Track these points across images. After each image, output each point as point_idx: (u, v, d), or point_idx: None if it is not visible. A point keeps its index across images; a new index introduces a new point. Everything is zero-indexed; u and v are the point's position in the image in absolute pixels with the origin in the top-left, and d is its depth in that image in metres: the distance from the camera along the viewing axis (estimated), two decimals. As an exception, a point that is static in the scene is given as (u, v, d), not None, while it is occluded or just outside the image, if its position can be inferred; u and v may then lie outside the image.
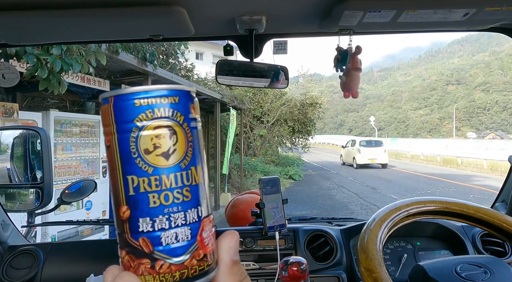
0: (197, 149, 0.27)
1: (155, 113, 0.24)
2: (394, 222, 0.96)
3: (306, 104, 17.02)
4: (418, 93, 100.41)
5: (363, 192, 10.15)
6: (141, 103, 0.24)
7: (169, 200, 0.25)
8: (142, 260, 0.25)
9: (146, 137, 0.24)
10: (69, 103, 6.08)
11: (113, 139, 0.25)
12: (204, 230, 0.26)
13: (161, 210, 0.25)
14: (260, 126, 15.42)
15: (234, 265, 0.28)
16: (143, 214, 0.25)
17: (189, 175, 0.26)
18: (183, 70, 9.22)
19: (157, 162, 0.24)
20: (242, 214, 1.36)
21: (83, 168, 4.75)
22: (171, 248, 0.25)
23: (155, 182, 0.24)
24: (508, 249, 1.19)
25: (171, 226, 0.25)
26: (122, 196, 0.25)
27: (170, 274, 0.25)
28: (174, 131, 0.25)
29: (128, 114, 0.24)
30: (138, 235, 0.25)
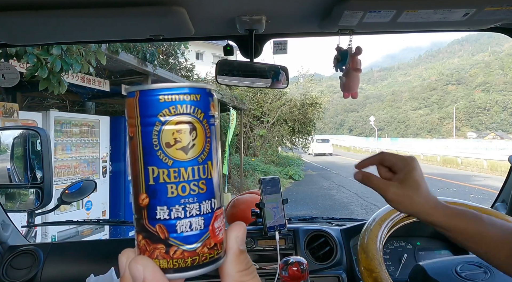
0: (214, 145, 0.28)
1: (178, 109, 0.26)
2: (394, 222, 0.96)
3: (306, 104, 17.02)
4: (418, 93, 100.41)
5: (363, 192, 10.15)
6: (165, 99, 0.26)
7: (186, 191, 0.26)
8: (157, 245, 0.27)
9: (168, 132, 0.26)
10: (69, 103, 6.08)
11: (136, 131, 0.27)
12: (216, 221, 0.28)
13: (178, 200, 0.26)
14: (260, 126, 15.42)
15: (241, 254, 0.29)
16: (161, 203, 0.26)
17: (206, 169, 0.27)
18: (183, 70, 9.23)
19: (177, 155, 0.26)
20: (242, 214, 1.36)
21: (83, 168, 4.75)
22: (185, 236, 0.27)
23: (174, 174, 0.26)
24: (508, 249, 1.19)
25: (186, 216, 0.27)
26: (142, 184, 0.27)
27: (182, 260, 0.26)
28: (194, 127, 0.26)
29: (153, 108, 0.26)
30: (155, 222, 0.27)
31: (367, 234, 0.93)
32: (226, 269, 0.29)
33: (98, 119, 5.04)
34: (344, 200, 9.20)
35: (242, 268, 0.29)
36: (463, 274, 0.87)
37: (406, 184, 0.64)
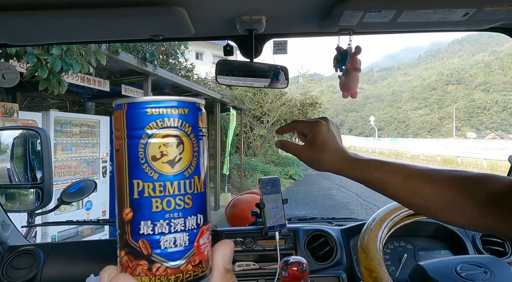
0: (202, 159, 0.28)
1: (165, 122, 0.26)
2: (394, 222, 0.96)
3: (306, 104, 17.03)
4: (418, 93, 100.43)
5: (363, 192, 10.15)
6: (152, 112, 0.26)
7: (171, 206, 0.26)
8: (140, 262, 0.26)
9: (155, 145, 0.26)
10: (69, 103, 6.09)
11: (123, 143, 0.26)
12: (201, 237, 0.28)
13: (163, 215, 0.26)
14: (260, 126, 15.42)
15: (227, 273, 0.28)
16: (145, 217, 0.26)
17: (192, 183, 0.27)
18: (183, 70, 9.22)
19: (163, 169, 0.26)
20: (242, 214, 1.36)
21: (83, 168, 4.75)
22: (169, 252, 0.26)
23: (159, 188, 0.26)
24: (508, 249, 1.19)
25: (171, 231, 0.26)
26: (126, 198, 0.26)
27: (165, 277, 0.26)
28: (181, 140, 0.26)
29: (140, 121, 0.26)
30: (138, 237, 0.26)
31: (367, 234, 0.93)
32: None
33: (98, 119, 5.04)
34: (344, 200, 9.20)
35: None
36: (463, 274, 0.87)
37: (313, 146, 0.71)
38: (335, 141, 0.71)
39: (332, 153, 0.69)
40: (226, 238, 1.16)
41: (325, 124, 0.72)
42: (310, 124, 0.73)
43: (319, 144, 0.70)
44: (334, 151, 0.69)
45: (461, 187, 0.57)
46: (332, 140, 0.70)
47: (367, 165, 0.66)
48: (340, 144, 0.71)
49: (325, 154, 0.69)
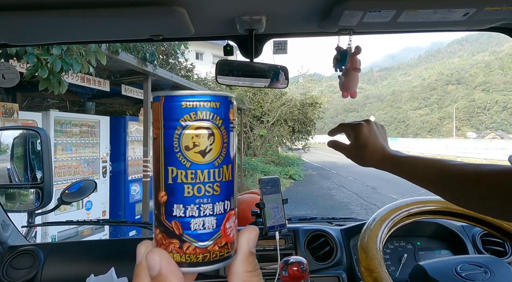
0: (230, 149, 0.30)
1: (198, 115, 0.28)
2: (394, 222, 0.96)
3: (306, 104, 17.02)
4: (418, 93, 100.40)
5: (363, 192, 10.15)
6: (187, 105, 0.28)
7: (201, 192, 0.28)
8: (172, 240, 0.28)
9: (188, 136, 0.28)
10: (69, 103, 6.09)
11: (160, 133, 0.28)
12: (227, 221, 0.30)
13: (193, 200, 0.28)
14: (260, 126, 15.42)
15: (250, 256, 0.31)
16: (177, 201, 0.28)
17: (221, 172, 0.29)
18: (183, 70, 9.22)
19: (195, 158, 0.28)
20: (242, 214, 1.36)
21: (83, 168, 4.75)
22: (198, 234, 0.28)
23: (191, 175, 0.28)
24: (508, 249, 1.19)
25: (200, 215, 0.28)
26: (162, 183, 0.28)
27: (194, 256, 0.28)
28: (212, 132, 0.28)
29: (175, 113, 0.28)
30: (171, 218, 0.28)
31: (367, 234, 0.93)
32: (235, 268, 0.30)
33: (98, 119, 5.04)
34: (344, 200, 9.20)
35: (250, 269, 0.30)
36: (463, 274, 0.87)
37: (355, 145, 0.82)
38: (376, 140, 0.80)
39: (372, 151, 0.78)
40: (226, 238, 1.16)
41: (366, 125, 0.81)
42: (352, 126, 0.83)
43: (360, 143, 0.80)
44: (374, 149, 0.78)
45: (489, 182, 0.60)
46: (372, 139, 0.80)
47: (403, 162, 0.73)
48: (381, 143, 0.79)
49: (365, 152, 0.79)
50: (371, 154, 0.78)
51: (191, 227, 0.28)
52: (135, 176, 5.69)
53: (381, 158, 0.77)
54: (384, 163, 0.76)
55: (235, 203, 0.31)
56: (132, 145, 5.73)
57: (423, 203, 0.98)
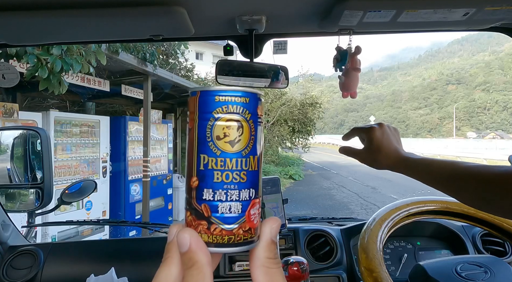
0: (257, 142, 0.32)
1: (229, 108, 0.30)
2: (395, 221, 0.96)
3: (306, 104, 17.01)
4: (418, 93, 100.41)
5: (363, 192, 10.15)
6: (220, 99, 0.31)
7: (229, 178, 0.31)
8: (201, 222, 0.31)
9: (219, 127, 0.30)
10: (69, 103, 6.09)
11: (195, 124, 0.31)
12: (252, 208, 0.32)
13: (222, 186, 0.31)
14: (260, 126, 15.39)
15: (272, 243, 0.33)
16: (207, 186, 0.31)
17: (248, 162, 0.31)
18: (183, 70, 9.22)
19: (225, 147, 0.30)
20: (242, 214, 1.36)
21: (83, 168, 4.75)
22: (225, 217, 0.31)
23: (221, 162, 0.30)
24: (508, 249, 1.19)
25: (227, 200, 0.31)
26: (194, 169, 0.31)
27: (220, 237, 0.31)
28: (241, 125, 0.31)
29: (209, 106, 0.31)
30: (201, 202, 0.31)
31: (367, 234, 0.93)
32: (257, 253, 0.32)
33: (98, 119, 5.04)
34: (344, 200, 9.20)
35: (271, 256, 0.32)
36: (463, 274, 0.87)
37: (370, 149, 0.82)
38: (389, 143, 0.80)
39: (386, 154, 0.79)
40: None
41: (378, 129, 0.81)
42: (365, 130, 0.83)
43: (374, 147, 0.80)
44: (388, 152, 0.79)
45: (502, 183, 0.61)
46: (386, 142, 0.80)
47: (417, 164, 0.74)
48: (394, 145, 0.80)
49: (379, 155, 0.80)
50: (385, 157, 0.79)
51: (218, 210, 0.31)
52: (135, 176, 5.69)
53: (395, 161, 0.78)
54: (398, 166, 0.77)
55: (260, 193, 0.33)
56: (132, 145, 5.73)
57: (423, 203, 0.98)
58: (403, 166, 0.76)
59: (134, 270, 1.14)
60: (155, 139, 6.23)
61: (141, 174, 5.37)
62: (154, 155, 6.20)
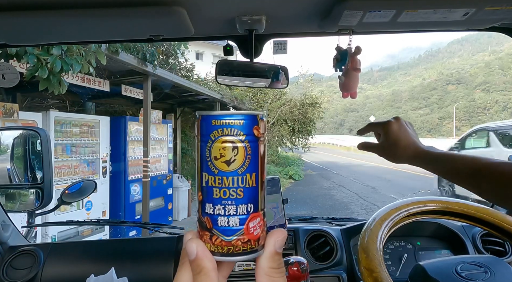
0: (254, 160, 0.34)
1: (224, 131, 0.33)
2: (395, 221, 0.96)
3: (306, 104, 17.02)
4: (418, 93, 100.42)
5: (363, 192, 10.15)
6: (215, 123, 0.33)
7: (226, 195, 0.33)
8: (205, 232, 0.34)
9: (216, 148, 0.33)
10: (69, 103, 6.08)
11: (197, 145, 0.35)
12: (251, 221, 0.34)
13: (220, 201, 0.33)
14: (260, 126, 15.38)
15: (276, 255, 0.35)
16: (208, 201, 0.34)
17: (244, 179, 0.33)
18: (183, 70, 9.22)
19: (221, 166, 0.33)
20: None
21: (83, 168, 4.75)
22: (224, 229, 0.33)
23: (218, 180, 0.33)
24: (508, 249, 1.19)
25: (225, 214, 0.33)
26: (199, 185, 0.35)
27: (220, 247, 0.33)
28: (236, 146, 0.33)
29: (207, 129, 0.34)
30: (205, 214, 0.34)
31: (367, 234, 0.93)
32: (261, 262, 0.35)
33: (98, 119, 5.04)
34: (344, 200, 9.20)
35: (274, 266, 0.35)
36: (463, 274, 0.87)
37: (387, 143, 0.81)
38: (407, 136, 0.79)
39: (404, 147, 0.78)
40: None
41: (395, 122, 0.81)
42: (382, 125, 0.83)
43: (391, 140, 0.80)
44: (406, 145, 0.78)
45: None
46: (404, 135, 0.79)
47: (438, 158, 0.74)
48: (412, 139, 0.79)
49: (398, 148, 0.79)
50: (403, 150, 0.78)
51: (218, 223, 0.33)
52: (135, 176, 5.69)
53: (414, 154, 0.77)
54: (418, 159, 0.76)
55: (262, 206, 0.35)
56: (132, 145, 5.73)
57: (423, 203, 0.98)
58: (423, 159, 0.75)
59: (134, 270, 1.14)
60: (155, 139, 6.23)
61: (141, 174, 5.37)
62: (154, 155, 6.20)
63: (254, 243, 0.34)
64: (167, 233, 1.32)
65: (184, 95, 7.55)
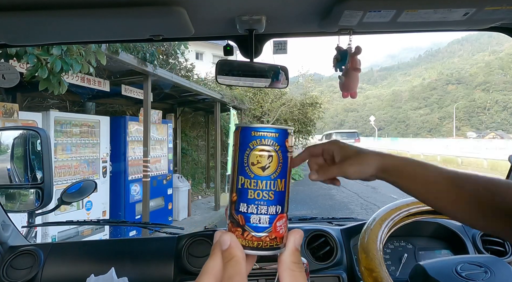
0: (285, 168, 0.39)
1: (262, 141, 0.38)
2: (395, 221, 0.96)
3: (306, 104, 17.01)
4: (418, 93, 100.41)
5: (363, 192, 10.15)
6: (255, 134, 0.39)
7: (259, 196, 0.38)
8: (237, 229, 0.39)
9: (253, 155, 0.38)
10: (69, 103, 6.08)
11: (236, 152, 0.39)
12: (278, 221, 0.39)
13: (253, 201, 0.38)
14: (260, 126, 15.38)
15: (296, 250, 0.40)
16: (243, 201, 0.38)
17: (276, 184, 0.39)
18: (183, 70, 9.21)
19: (257, 172, 0.38)
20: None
21: (83, 168, 4.75)
22: (255, 226, 0.38)
23: (254, 183, 0.38)
24: (508, 249, 1.19)
25: (257, 213, 0.38)
26: (234, 187, 0.39)
27: (251, 242, 0.38)
28: (271, 154, 0.38)
29: (247, 139, 0.39)
30: (238, 213, 0.39)
31: (367, 234, 0.93)
32: (284, 258, 0.39)
33: (98, 119, 5.04)
34: (344, 200, 9.20)
35: (295, 260, 0.39)
36: (463, 274, 0.87)
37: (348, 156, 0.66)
38: (359, 151, 0.67)
39: (370, 153, 0.66)
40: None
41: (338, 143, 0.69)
42: (328, 147, 0.70)
43: (351, 151, 0.67)
44: (368, 151, 0.67)
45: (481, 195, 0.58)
46: (356, 152, 0.67)
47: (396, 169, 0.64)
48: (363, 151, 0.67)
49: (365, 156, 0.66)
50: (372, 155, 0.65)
51: (251, 220, 0.38)
52: (135, 176, 5.69)
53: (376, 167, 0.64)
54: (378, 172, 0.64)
55: (287, 209, 0.40)
56: (132, 145, 5.73)
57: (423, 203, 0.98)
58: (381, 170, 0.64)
59: (134, 270, 1.14)
60: (155, 139, 6.23)
61: (141, 174, 5.37)
62: (154, 155, 6.20)
63: (279, 241, 0.39)
64: (167, 233, 1.32)
65: (184, 95, 7.54)
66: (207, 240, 1.17)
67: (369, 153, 0.66)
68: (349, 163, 0.65)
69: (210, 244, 1.15)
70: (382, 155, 0.66)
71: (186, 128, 10.71)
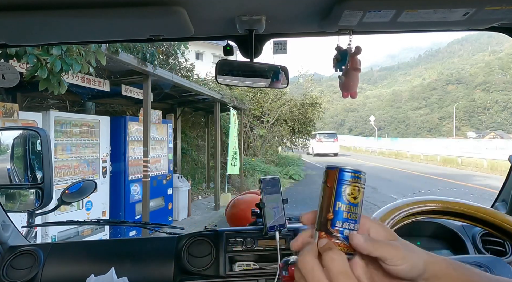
0: (362, 198, 0.52)
1: (355, 179, 0.51)
2: (395, 221, 0.96)
3: (306, 104, 17.02)
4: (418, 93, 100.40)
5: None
6: (350, 174, 0.51)
7: (351, 217, 0.50)
8: (332, 239, 0.50)
9: (349, 188, 0.51)
10: (69, 103, 6.09)
11: (334, 185, 0.51)
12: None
13: (346, 219, 0.50)
14: (260, 126, 15.41)
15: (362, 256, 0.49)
16: (339, 219, 0.50)
17: (359, 209, 0.51)
18: (183, 70, 9.22)
19: (351, 199, 0.51)
20: (242, 214, 1.36)
21: (83, 168, 4.75)
22: (345, 237, 0.50)
23: (347, 207, 0.50)
24: (508, 249, 1.19)
25: (348, 228, 0.50)
26: (331, 208, 0.51)
27: (341, 248, 0.49)
28: (359, 188, 0.51)
29: (346, 177, 0.51)
30: (333, 227, 0.50)
31: (367, 234, 0.93)
32: (358, 260, 0.49)
33: (98, 119, 5.04)
34: (344, 200, 9.18)
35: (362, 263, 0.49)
36: (463, 274, 0.86)
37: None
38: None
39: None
40: (227, 238, 1.16)
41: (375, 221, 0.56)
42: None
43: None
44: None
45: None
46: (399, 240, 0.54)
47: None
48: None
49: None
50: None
51: (343, 233, 0.50)
52: (135, 176, 5.69)
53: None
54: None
55: (359, 226, 0.52)
56: (132, 145, 5.73)
57: (423, 203, 0.98)
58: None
59: (134, 270, 1.14)
60: (155, 139, 6.24)
61: (141, 174, 5.37)
62: (154, 155, 6.20)
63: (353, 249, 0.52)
64: (167, 233, 1.32)
65: (184, 95, 7.55)
66: (207, 240, 1.17)
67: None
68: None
69: (210, 244, 1.15)
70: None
71: (186, 128, 10.71)
